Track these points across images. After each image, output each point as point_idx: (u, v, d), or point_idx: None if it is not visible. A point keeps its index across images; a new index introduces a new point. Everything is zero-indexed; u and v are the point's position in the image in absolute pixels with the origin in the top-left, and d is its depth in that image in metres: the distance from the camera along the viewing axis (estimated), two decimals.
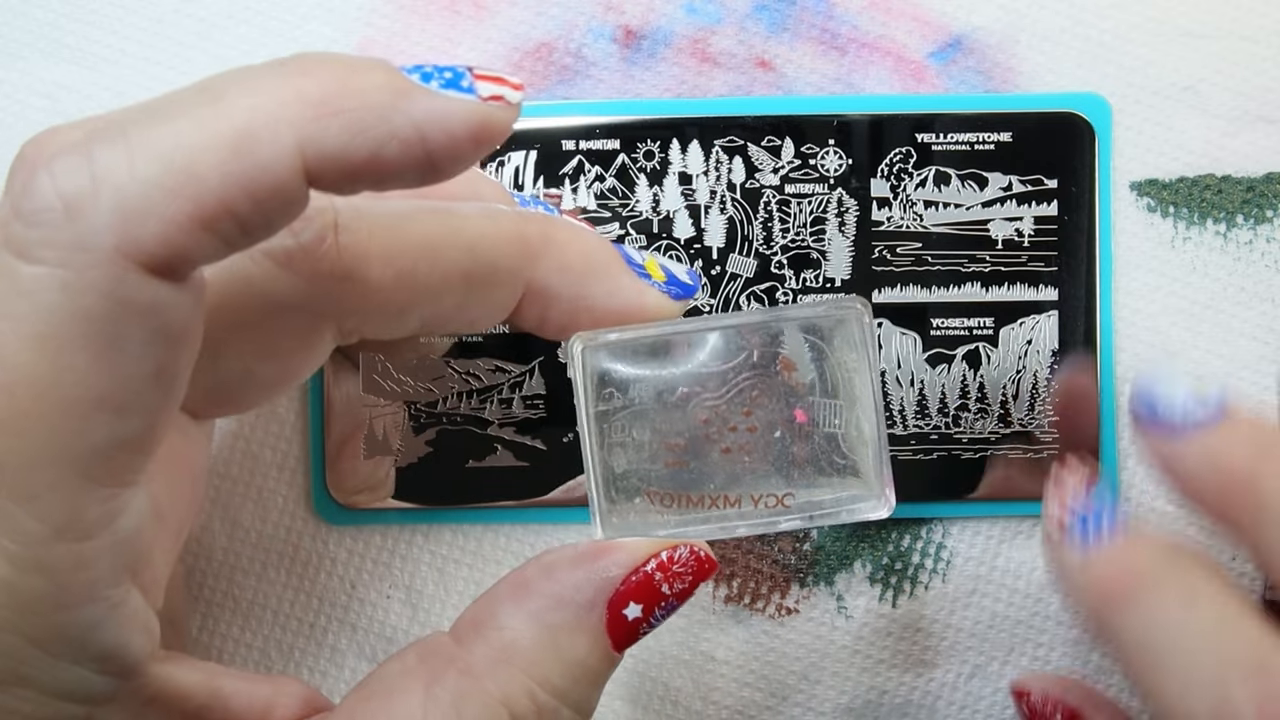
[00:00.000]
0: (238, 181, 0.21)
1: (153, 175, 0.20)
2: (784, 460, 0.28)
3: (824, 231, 0.34)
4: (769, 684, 0.35)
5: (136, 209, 0.20)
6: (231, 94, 0.21)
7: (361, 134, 0.22)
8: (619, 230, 0.34)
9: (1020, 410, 0.34)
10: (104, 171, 0.20)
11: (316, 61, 0.22)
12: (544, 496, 0.34)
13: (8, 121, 0.35)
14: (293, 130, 0.21)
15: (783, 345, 0.27)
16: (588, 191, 0.34)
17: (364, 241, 0.27)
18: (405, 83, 0.22)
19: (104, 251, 0.20)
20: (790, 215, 0.34)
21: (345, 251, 0.26)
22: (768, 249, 0.34)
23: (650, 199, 0.34)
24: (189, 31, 0.35)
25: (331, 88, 0.22)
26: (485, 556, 0.35)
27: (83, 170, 0.21)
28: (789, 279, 0.34)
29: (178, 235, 0.21)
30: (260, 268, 0.26)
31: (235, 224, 0.21)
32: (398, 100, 0.22)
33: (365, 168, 0.22)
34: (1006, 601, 0.35)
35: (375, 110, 0.22)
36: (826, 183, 0.34)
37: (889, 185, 0.34)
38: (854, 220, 0.34)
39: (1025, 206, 0.34)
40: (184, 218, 0.21)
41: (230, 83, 0.22)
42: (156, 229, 0.21)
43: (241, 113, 0.21)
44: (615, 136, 0.34)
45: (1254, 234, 0.35)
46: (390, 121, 0.22)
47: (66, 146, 0.21)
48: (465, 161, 0.23)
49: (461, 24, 0.35)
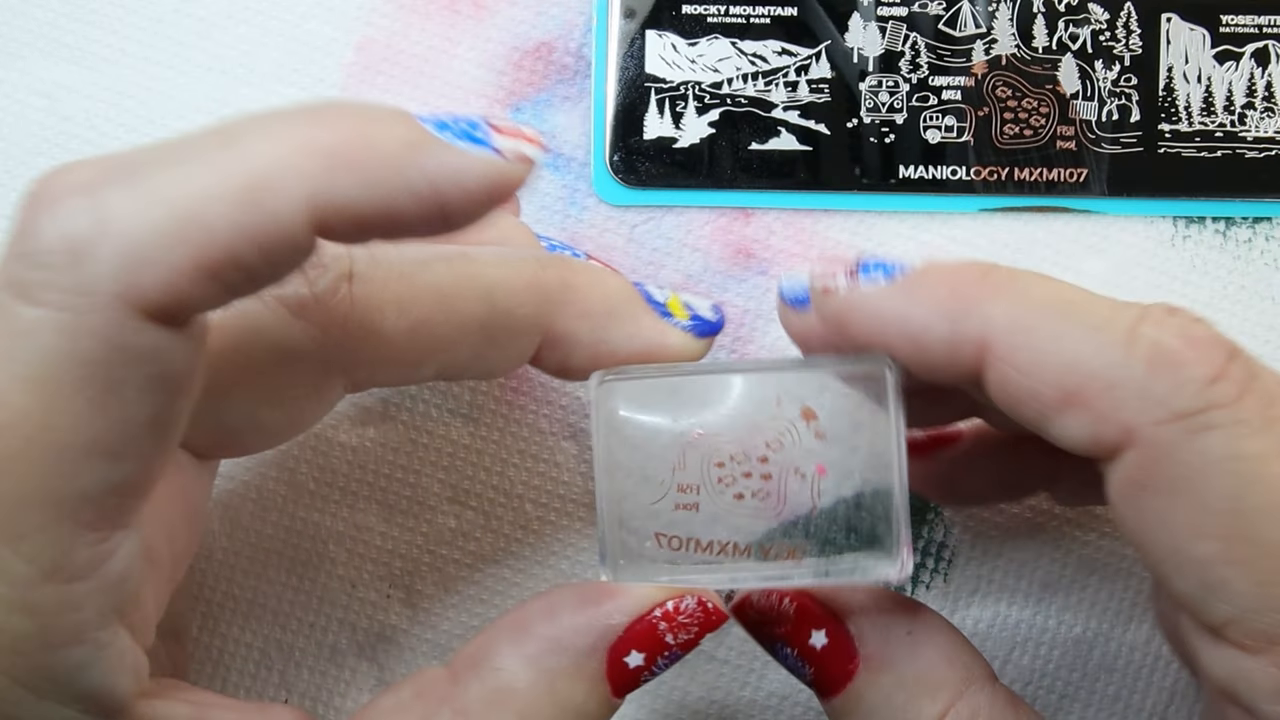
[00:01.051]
0: (245, 231, 0.21)
1: (159, 222, 0.20)
2: (799, 512, 0.27)
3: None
4: (770, 683, 0.34)
5: (141, 256, 0.20)
6: (246, 140, 0.21)
7: (374, 187, 0.21)
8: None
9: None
10: (110, 216, 0.20)
11: (334, 110, 0.22)
12: (824, 181, 0.35)
13: (7, 121, 0.35)
14: (304, 182, 0.21)
15: (807, 396, 0.27)
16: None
17: (378, 292, 0.26)
18: (421, 135, 0.22)
19: (105, 296, 0.20)
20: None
21: (359, 302, 0.26)
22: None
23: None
24: (188, 31, 0.35)
25: (346, 138, 0.21)
26: (485, 556, 0.35)
27: (89, 214, 0.20)
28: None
29: (181, 283, 0.20)
30: (273, 314, 0.25)
31: (241, 273, 0.21)
32: (413, 154, 0.22)
33: (377, 220, 0.22)
34: (1008, 601, 0.35)
35: (389, 163, 0.22)
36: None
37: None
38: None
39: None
40: (189, 265, 0.20)
41: (246, 128, 0.22)
42: (160, 276, 0.20)
43: (254, 160, 0.21)
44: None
45: (1253, 232, 0.35)
46: (404, 175, 0.22)
47: (74, 188, 0.21)
48: (479, 215, 0.23)
49: (461, 23, 0.35)
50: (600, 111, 0.35)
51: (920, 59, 0.35)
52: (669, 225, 0.35)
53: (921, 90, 0.35)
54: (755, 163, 0.35)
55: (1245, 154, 0.35)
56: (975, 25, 0.35)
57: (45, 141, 0.35)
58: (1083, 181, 0.35)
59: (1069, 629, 0.35)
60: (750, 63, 0.35)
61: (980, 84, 0.35)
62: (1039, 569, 0.35)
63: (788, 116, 0.35)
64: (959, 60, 0.35)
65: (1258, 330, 0.35)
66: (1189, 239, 0.35)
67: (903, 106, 0.35)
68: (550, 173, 0.35)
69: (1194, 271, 0.35)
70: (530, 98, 0.35)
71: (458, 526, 0.35)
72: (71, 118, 0.35)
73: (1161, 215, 0.35)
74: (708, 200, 0.35)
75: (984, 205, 0.35)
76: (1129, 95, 0.35)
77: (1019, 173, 0.35)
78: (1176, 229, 0.35)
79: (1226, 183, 0.35)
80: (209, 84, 0.35)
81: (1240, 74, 0.35)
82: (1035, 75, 0.35)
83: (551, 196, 0.35)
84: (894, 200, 0.35)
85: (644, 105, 0.35)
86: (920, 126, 0.35)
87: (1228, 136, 0.35)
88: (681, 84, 0.35)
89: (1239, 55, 0.35)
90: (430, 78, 0.35)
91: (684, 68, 0.35)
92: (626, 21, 0.35)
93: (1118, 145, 0.35)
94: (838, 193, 0.35)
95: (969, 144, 0.35)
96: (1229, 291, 0.35)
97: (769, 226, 0.35)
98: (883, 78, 0.35)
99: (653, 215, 0.35)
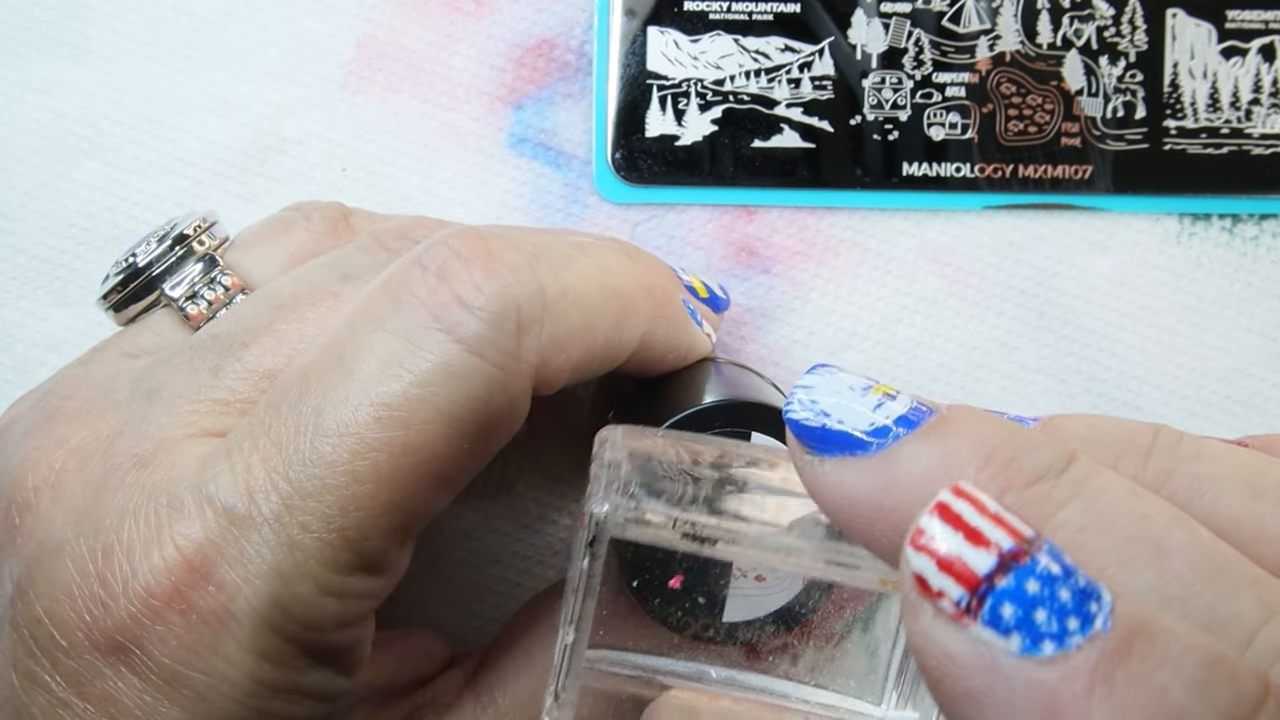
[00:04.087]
0: (606, 347, 0.25)
1: (575, 319, 0.24)
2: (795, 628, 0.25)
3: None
4: None
5: (560, 341, 0.24)
6: (617, 267, 0.26)
7: (668, 339, 0.27)
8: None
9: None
10: (549, 302, 0.24)
11: (650, 259, 0.28)
12: (826, 179, 0.35)
13: (5, 120, 0.35)
14: (645, 322, 0.26)
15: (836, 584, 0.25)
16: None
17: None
18: (683, 306, 0.28)
19: (528, 367, 0.24)
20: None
21: None
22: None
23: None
24: (188, 29, 0.35)
25: (665, 294, 0.27)
26: (485, 556, 0.35)
27: (538, 296, 0.24)
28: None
29: (565, 368, 0.25)
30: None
31: (585, 372, 0.25)
32: (689, 322, 0.28)
33: (650, 365, 0.27)
34: None
35: (682, 325, 0.27)
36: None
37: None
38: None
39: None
40: (573, 363, 0.25)
41: (621, 253, 0.27)
42: (558, 364, 0.24)
43: (623, 285, 0.26)
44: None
45: (1260, 229, 0.35)
46: (684, 337, 0.27)
47: (519, 265, 0.24)
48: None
49: (462, 20, 0.35)
50: (602, 109, 0.34)
51: (924, 55, 0.34)
52: (671, 223, 0.35)
53: (925, 87, 0.34)
54: (758, 160, 0.34)
55: (1251, 150, 0.34)
56: (979, 21, 0.35)
57: (43, 139, 0.35)
58: (1087, 178, 0.34)
59: None
60: (753, 60, 0.34)
61: (984, 80, 0.34)
62: None
63: (790, 114, 0.34)
64: (963, 57, 0.34)
65: (1265, 328, 0.34)
66: (1195, 236, 0.35)
67: (906, 103, 0.34)
68: (552, 171, 0.35)
69: (1200, 269, 0.35)
70: (531, 95, 0.35)
71: (458, 526, 0.34)
72: (70, 115, 0.35)
73: (1167, 212, 0.35)
74: (710, 198, 0.35)
75: (988, 203, 0.35)
76: (1134, 91, 0.34)
77: (1023, 170, 0.34)
78: (1182, 226, 0.35)
79: (1232, 179, 0.34)
80: (208, 81, 0.35)
81: (1246, 69, 0.34)
82: (1039, 71, 0.34)
83: (553, 195, 0.35)
84: (897, 198, 0.35)
85: (646, 102, 0.34)
86: (924, 123, 0.34)
87: (1234, 133, 0.34)
88: (683, 81, 0.35)
89: (1245, 51, 0.34)
90: (431, 75, 0.35)
91: (686, 65, 0.35)
92: (628, 18, 0.34)
93: (1123, 142, 0.34)
94: (841, 190, 0.35)
95: (973, 141, 0.34)
96: (1235, 289, 0.35)
97: (771, 224, 0.35)
98: (886, 74, 0.34)
99: (655, 213, 0.35)
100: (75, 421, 0.25)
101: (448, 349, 0.23)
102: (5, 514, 0.24)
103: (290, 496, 0.22)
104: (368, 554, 0.23)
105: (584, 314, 0.25)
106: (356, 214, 0.30)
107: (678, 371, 0.29)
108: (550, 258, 0.25)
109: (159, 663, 0.22)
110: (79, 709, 0.22)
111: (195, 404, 0.25)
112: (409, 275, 0.24)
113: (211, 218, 0.28)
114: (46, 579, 0.23)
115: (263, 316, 0.25)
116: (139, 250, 0.27)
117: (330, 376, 0.23)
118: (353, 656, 0.24)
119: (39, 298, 0.35)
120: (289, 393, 0.23)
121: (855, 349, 0.35)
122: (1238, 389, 0.35)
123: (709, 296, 0.31)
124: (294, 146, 0.35)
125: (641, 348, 0.26)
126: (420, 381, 0.23)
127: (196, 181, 0.35)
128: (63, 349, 0.35)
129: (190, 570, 0.22)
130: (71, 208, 0.35)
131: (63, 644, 0.22)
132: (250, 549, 0.22)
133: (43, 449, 0.24)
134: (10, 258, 0.35)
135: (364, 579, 0.23)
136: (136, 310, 0.28)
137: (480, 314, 0.23)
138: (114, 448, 0.24)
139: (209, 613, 0.22)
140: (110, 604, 0.22)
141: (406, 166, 0.35)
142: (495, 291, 0.23)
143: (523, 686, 0.28)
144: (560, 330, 0.24)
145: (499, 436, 0.24)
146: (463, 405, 0.23)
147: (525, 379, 0.24)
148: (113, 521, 0.23)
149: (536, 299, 0.24)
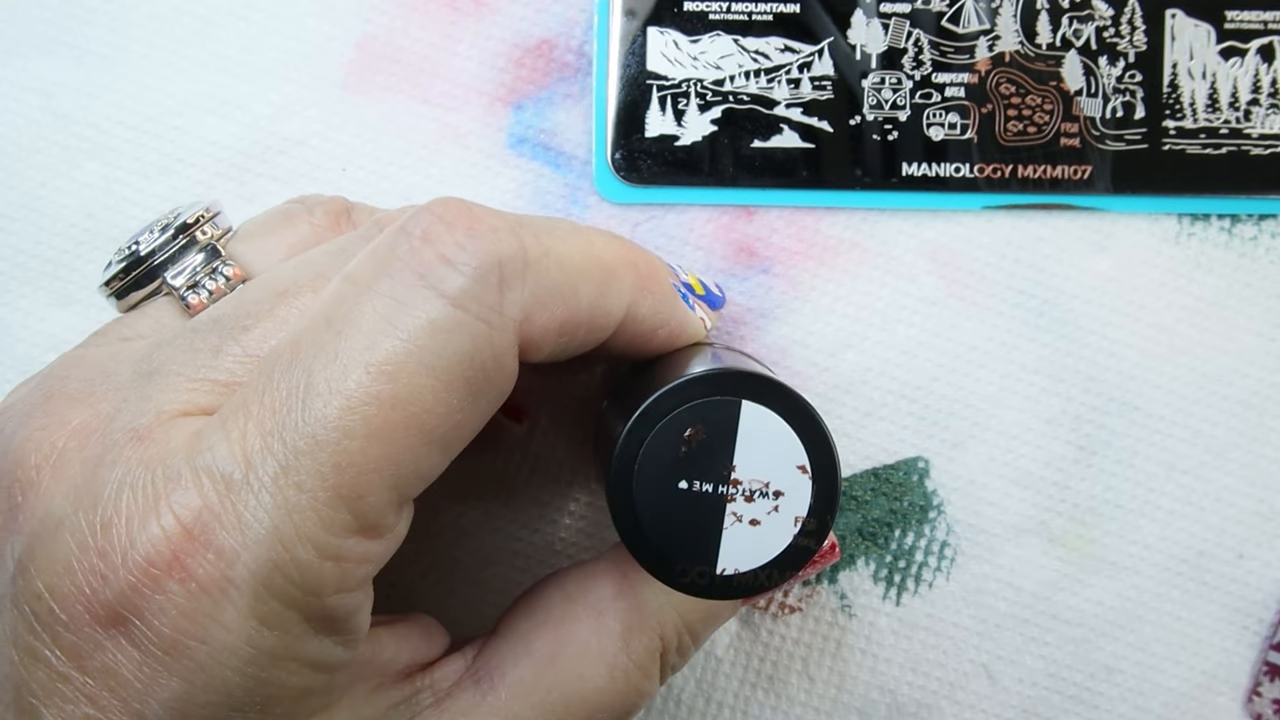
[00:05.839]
0: (595, 315, 0.26)
1: (556, 277, 0.25)
2: None
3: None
4: (771, 682, 0.34)
5: (544, 298, 0.24)
6: (600, 241, 0.27)
7: (655, 314, 0.27)
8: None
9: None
10: (529, 258, 0.24)
11: (639, 247, 0.28)
12: (826, 179, 0.35)
13: (5, 119, 0.35)
14: (630, 292, 0.26)
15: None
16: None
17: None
18: (672, 286, 0.28)
19: (511, 322, 0.24)
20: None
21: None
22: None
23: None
24: (187, 29, 0.35)
25: (651, 269, 0.28)
26: (486, 556, 0.35)
27: (520, 254, 0.24)
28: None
29: (551, 333, 0.25)
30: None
31: (565, 340, 0.26)
32: (677, 299, 0.28)
33: (640, 341, 0.27)
34: (1011, 600, 0.35)
35: (670, 301, 0.28)
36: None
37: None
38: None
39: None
40: (557, 323, 0.25)
41: (607, 234, 0.28)
42: (543, 322, 0.25)
43: (605, 256, 0.26)
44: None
45: (1259, 229, 0.35)
46: (673, 314, 0.28)
47: (500, 227, 0.24)
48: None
49: (462, 20, 0.35)
50: (602, 109, 0.34)
51: (923, 56, 0.34)
52: (671, 223, 0.35)
53: (924, 87, 0.34)
54: (757, 160, 0.34)
55: (1250, 150, 0.34)
56: (979, 22, 0.35)
57: (43, 139, 0.35)
58: (1087, 179, 0.34)
59: (1074, 627, 0.35)
60: (752, 60, 0.35)
61: (983, 81, 0.34)
62: (1044, 566, 0.34)
63: (790, 114, 0.34)
64: (962, 57, 0.35)
65: (1264, 328, 0.35)
66: (1194, 236, 0.35)
67: (905, 103, 0.34)
68: (552, 171, 0.35)
69: (1199, 269, 0.35)
70: (531, 95, 0.35)
71: (458, 526, 0.35)
72: (70, 115, 0.35)
73: (1166, 213, 0.35)
74: (710, 198, 0.35)
75: (987, 203, 0.35)
76: (1133, 92, 0.35)
77: (1022, 170, 0.34)
78: (1181, 226, 0.35)
79: (1231, 179, 0.34)
80: (208, 82, 0.35)
81: (1245, 70, 0.34)
82: (1039, 72, 0.34)
83: (553, 195, 0.35)
84: (897, 198, 0.35)
85: (646, 103, 0.34)
86: (923, 123, 0.34)
87: (1233, 133, 0.34)
88: (683, 81, 0.35)
89: (1244, 51, 0.34)
90: (431, 75, 0.35)
91: (686, 65, 0.35)
92: (628, 19, 0.34)
93: (1122, 142, 0.34)
94: (840, 190, 0.35)
95: (972, 141, 0.34)
96: (1234, 289, 0.35)
97: (771, 224, 0.35)
98: (885, 75, 0.34)
99: (654, 213, 0.35)
100: (76, 401, 0.25)
101: (433, 304, 0.23)
102: (8, 493, 0.24)
103: (285, 458, 0.22)
104: (363, 514, 0.23)
105: (566, 274, 0.25)
106: (359, 208, 0.30)
107: (671, 352, 0.29)
108: (533, 224, 0.25)
109: (159, 632, 0.22)
110: (79, 683, 0.22)
111: (193, 383, 0.25)
112: (395, 241, 0.24)
113: (215, 208, 0.28)
114: (47, 554, 0.23)
115: (264, 301, 0.26)
116: (142, 238, 0.28)
117: (320, 339, 0.23)
118: (351, 626, 0.24)
119: (39, 298, 0.35)
120: (280, 359, 0.23)
121: (855, 349, 0.35)
122: (1237, 389, 0.35)
123: (705, 294, 0.31)
124: (294, 146, 0.35)
125: (629, 319, 0.27)
126: (407, 337, 0.23)
127: (196, 181, 0.35)
128: (63, 349, 0.34)
129: (189, 538, 0.22)
130: (71, 208, 0.35)
131: (63, 618, 0.22)
132: (248, 514, 0.22)
133: (45, 429, 0.25)
134: (10, 258, 0.35)
135: (362, 542, 0.23)
136: (138, 298, 0.28)
137: (464, 268, 0.23)
138: (112, 425, 0.24)
139: (208, 580, 0.22)
140: (109, 575, 0.22)
141: (406, 166, 0.35)
142: (477, 249, 0.24)
143: (523, 673, 0.28)
144: (543, 287, 0.24)
145: (488, 396, 0.24)
146: (449, 359, 0.23)
147: (510, 334, 0.24)
148: (111, 495, 0.23)
149: (518, 256, 0.24)
